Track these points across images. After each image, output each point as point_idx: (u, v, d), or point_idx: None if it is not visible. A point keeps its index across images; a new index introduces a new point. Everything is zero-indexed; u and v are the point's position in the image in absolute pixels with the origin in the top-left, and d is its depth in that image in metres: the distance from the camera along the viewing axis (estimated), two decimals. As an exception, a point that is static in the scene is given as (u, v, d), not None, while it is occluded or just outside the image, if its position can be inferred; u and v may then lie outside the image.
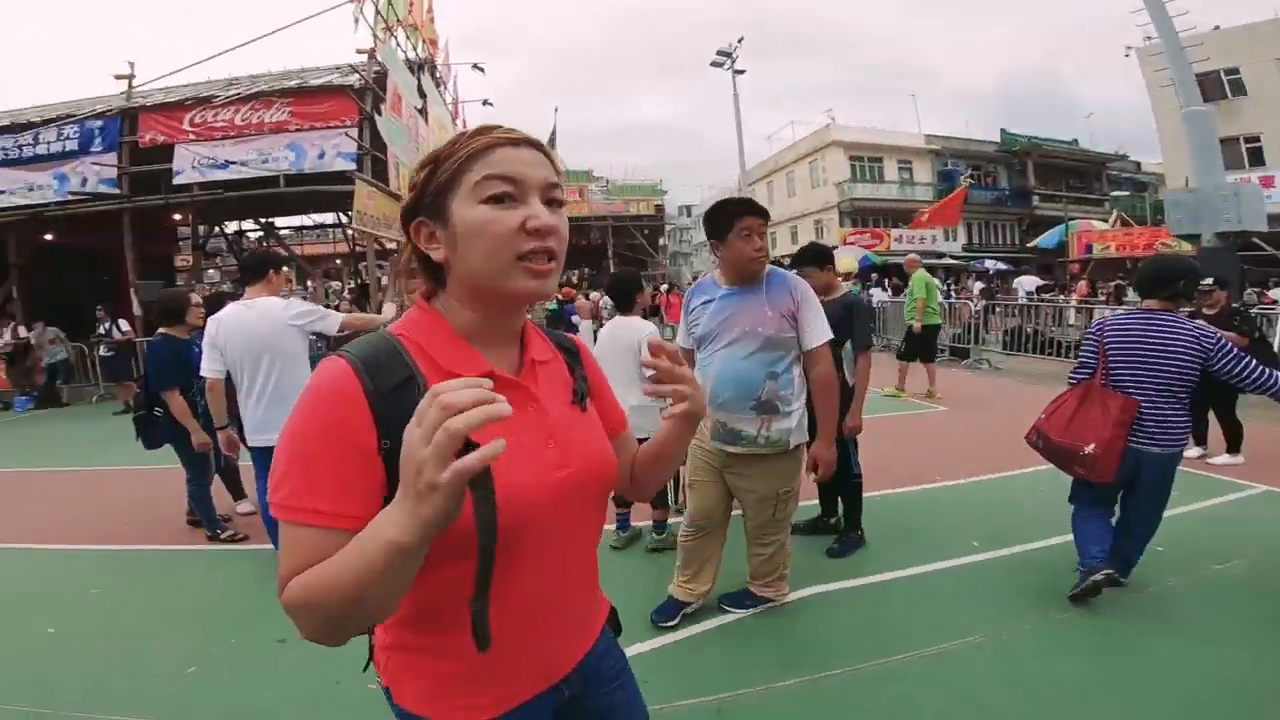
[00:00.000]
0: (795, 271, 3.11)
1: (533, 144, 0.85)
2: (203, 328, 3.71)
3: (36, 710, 2.38)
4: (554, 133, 21.23)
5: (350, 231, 17.03)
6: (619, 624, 1.07)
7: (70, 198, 11.44)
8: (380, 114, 10.54)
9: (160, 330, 4.17)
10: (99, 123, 11.10)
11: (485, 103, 17.93)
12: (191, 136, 11.00)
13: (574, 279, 26.04)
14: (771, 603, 2.93)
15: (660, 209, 31.99)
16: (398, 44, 12.09)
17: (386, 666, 0.89)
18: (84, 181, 11.35)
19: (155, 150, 11.26)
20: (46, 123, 11.15)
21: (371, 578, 0.66)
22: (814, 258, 3.63)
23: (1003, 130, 29.89)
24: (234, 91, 11.12)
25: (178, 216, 13.90)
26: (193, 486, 4.20)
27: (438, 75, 15.70)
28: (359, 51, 11.23)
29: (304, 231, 25.65)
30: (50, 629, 3.06)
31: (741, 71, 20.25)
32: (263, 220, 17.75)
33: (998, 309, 12.08)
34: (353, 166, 11.06)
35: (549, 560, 0.85)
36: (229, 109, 10.86)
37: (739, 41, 20.02)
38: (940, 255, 25.10)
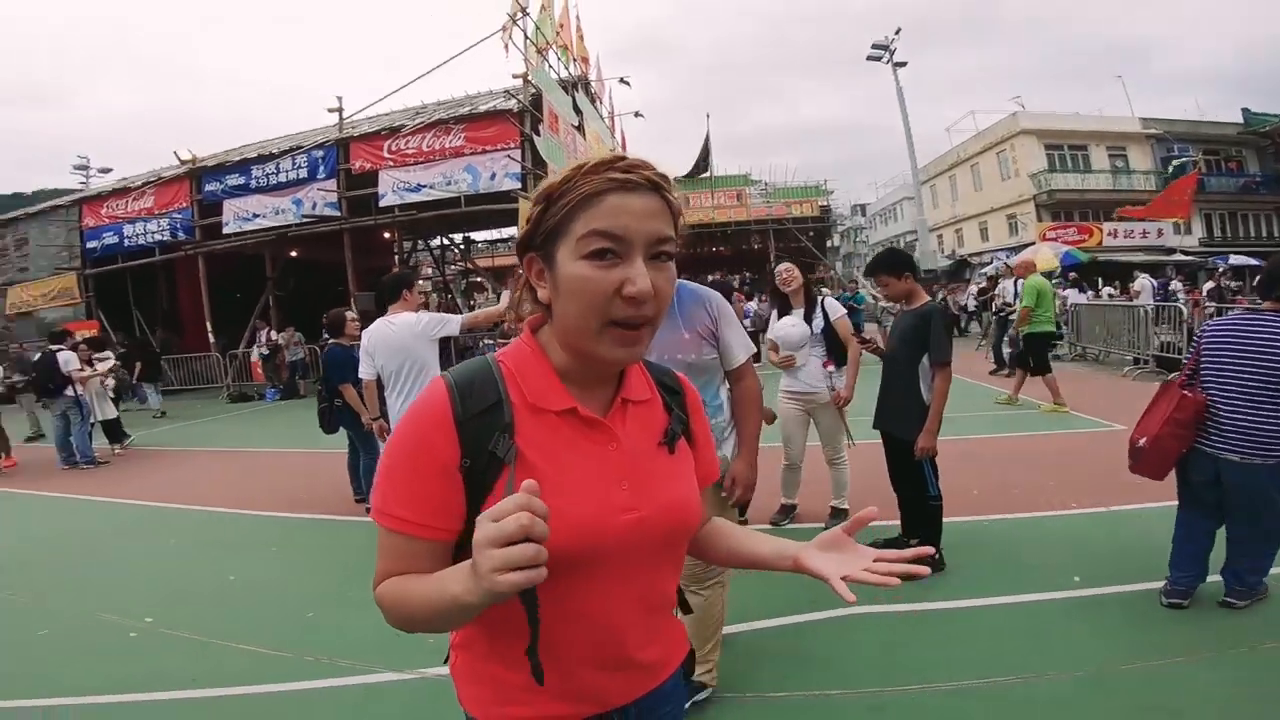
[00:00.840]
0: (871, 280, 3.04)
1: (650, 186, 0.79)
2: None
3: (197, 638, 3.11)
4: (707, 139, 21.50)
5: (520, 242, 18.68)
6: (693, 666, 1.04)
7: (303, 220, 13.95)
8: (539, 134, 11.53)
9: (332, 340, 5.35)
10: (320, 153, 13.46)
11: (637, 114, 18.67)
12: (390, 163, 12.91)
13: (735, 283, 26.12)
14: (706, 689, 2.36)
15: (826, 210, 30.86)
16: (549, 66, 13.08)
17: (455, 664, 0.93)
18: (314, 205, 13.79)
19: (366, 175, 13.36)
20: (284, 154, 13.74)
21: (435, 614, 0.74)
22: (888, 264, 3.45)
23: (1245, 110, 24.98)
24: (419, 120, 12.82)
25: (387, 234, 16.22)
26: (368, 460, 5.18)
27: (592, 91, 16.68)
28: (515, 76, 12.36)
29: (497, 245, 28.50)
30: (231, 576, 3.93)
31: (902, 64, 19.18)
32: (459, 235, 20.10)
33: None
34: (518, 185, 12.20)
35: (614, 600, 0.85)
36: (416, 136, 12.56)
37: (896, 34, 19.01)
38: (1169, 251, 21.50)
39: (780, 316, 4.07)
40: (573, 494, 0.77)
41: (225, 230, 14.69)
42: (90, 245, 16.46)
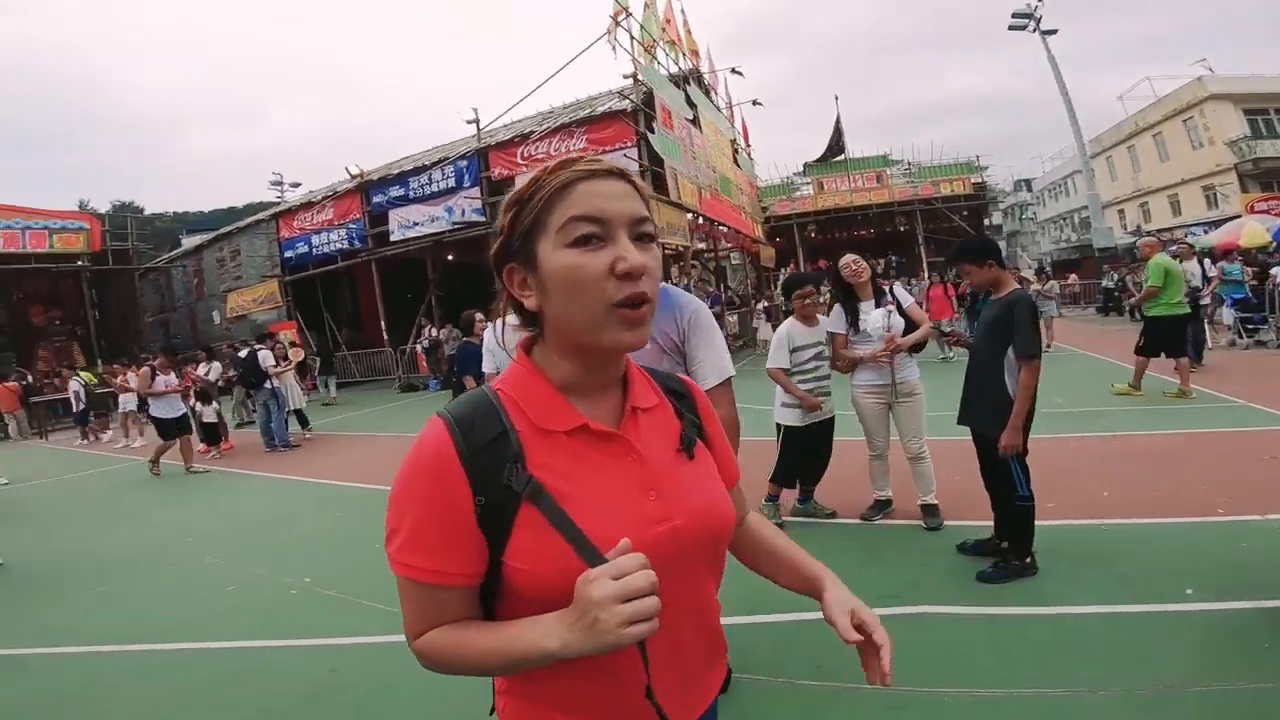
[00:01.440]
0: (953, 268, 2.96)
1: (616, 173, 0.79)
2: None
3: (344, 597, 3.71)
4: (838, 122, 20.63)
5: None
6: (727, 684, 1.11)
7: (454, 226, 15.38)
8: (653, 131, 11.80)
9: (464, 338, 6.14)
10: (464, 162, 14.74)
11: (755, 103, 18.34)
12: (523, 168, 13.85)
13: (880, 267, 24.90)
14: None
15: (980, 186, 28.39)
16: (658, 62, 13.28)
17: (503, 710, 0.88)
18: (462, 212, 15.15)
19: (504, 181, 14.45)
20: (434, 165, 15.21)
21: (508, 665, 0.75)
22: (969, 252, 3.26)
23: None
24: (545, 125, 13.61)
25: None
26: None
27: (706, 83, 16.64)
28: (625, 77, 12.71)
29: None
30: (376, 545, 4.56)
31: (1051, 32, 17.27)
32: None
33: None
34: (638, 181, 12.59)
35: (664, 617, 0.76)
36: (544, 141, 13.36)
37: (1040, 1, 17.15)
38: None
39: (845, 310, 3.99)
40: (601, 513, 0.74)
41: (391, 238, 16.59)
42: (287, 254, 19.29)
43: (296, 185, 30.49)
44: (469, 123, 14.89)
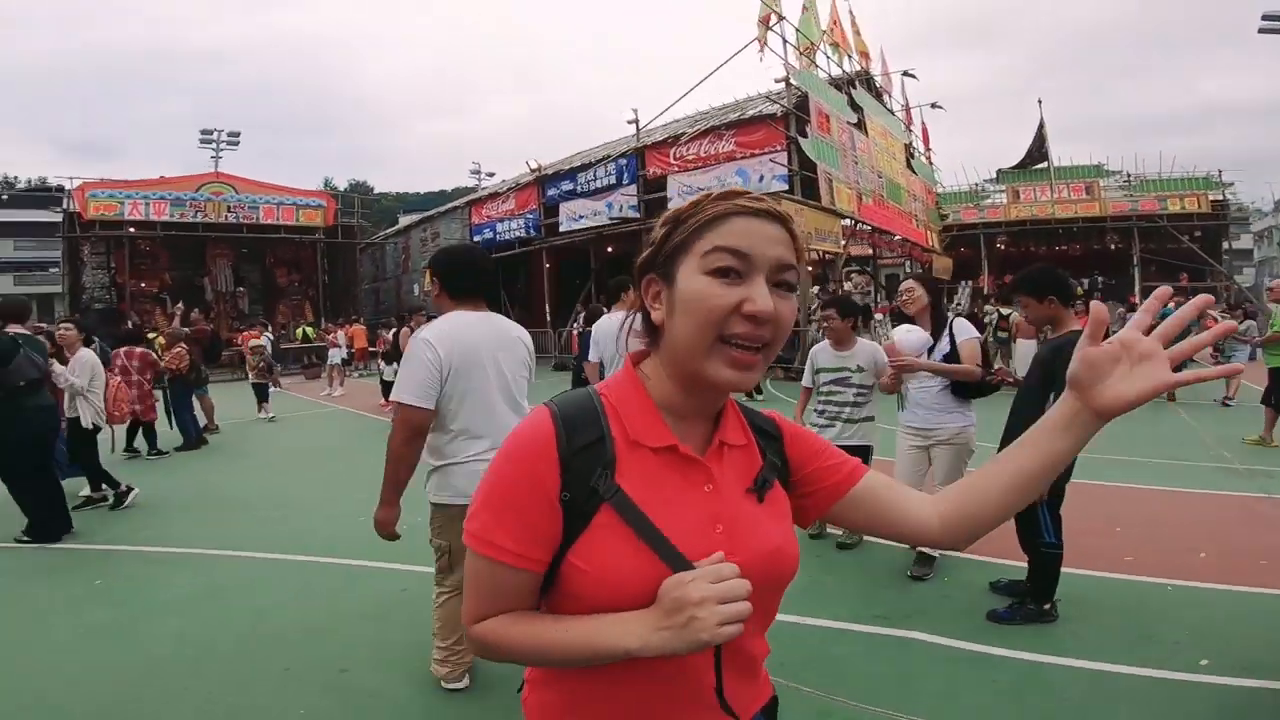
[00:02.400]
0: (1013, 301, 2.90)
1: (776, 217, 0.80)
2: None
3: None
4: (1041, 126, 18.43)
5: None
6: (774, 714, 0.98)
7: (611, 221, 16.36)
8: (806, 136, 11.64)
9: (589, 327, 6.71)
10: (623, 161, 15.58)
11: (934, 105, 17.06)
12: (675, 168, 14.35)
13: (1081, 287, 22.14)
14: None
15: (1220, 205, 23.98)
16: (817, 66, 12.93)
17: (528, 699, 0.90)
18: (620, 208, 16.06)
19: (659, 180, 15.08)
20: (598, 162, 16.25)
21: (578, 659, 0.76)
22: (1030, 284, 3.04)
23: None
24: (697, 127, 13.93)
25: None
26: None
27: (878, 85, 15.84)
28: (776, 81, 12.56)
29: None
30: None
31: None
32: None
33: None
34: (785, 188, 12.50)
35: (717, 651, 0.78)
36: (695, 143, 13.70)
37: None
38: None
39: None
40: (674, 533, 0.76)
41: (561, 229, 18.04)
42: (475, 238, 21.66)
43: (491, 174, 33.94)
44: (629, 123, 15.76)
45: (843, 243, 14.68)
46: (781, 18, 12.44)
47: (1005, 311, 10.58)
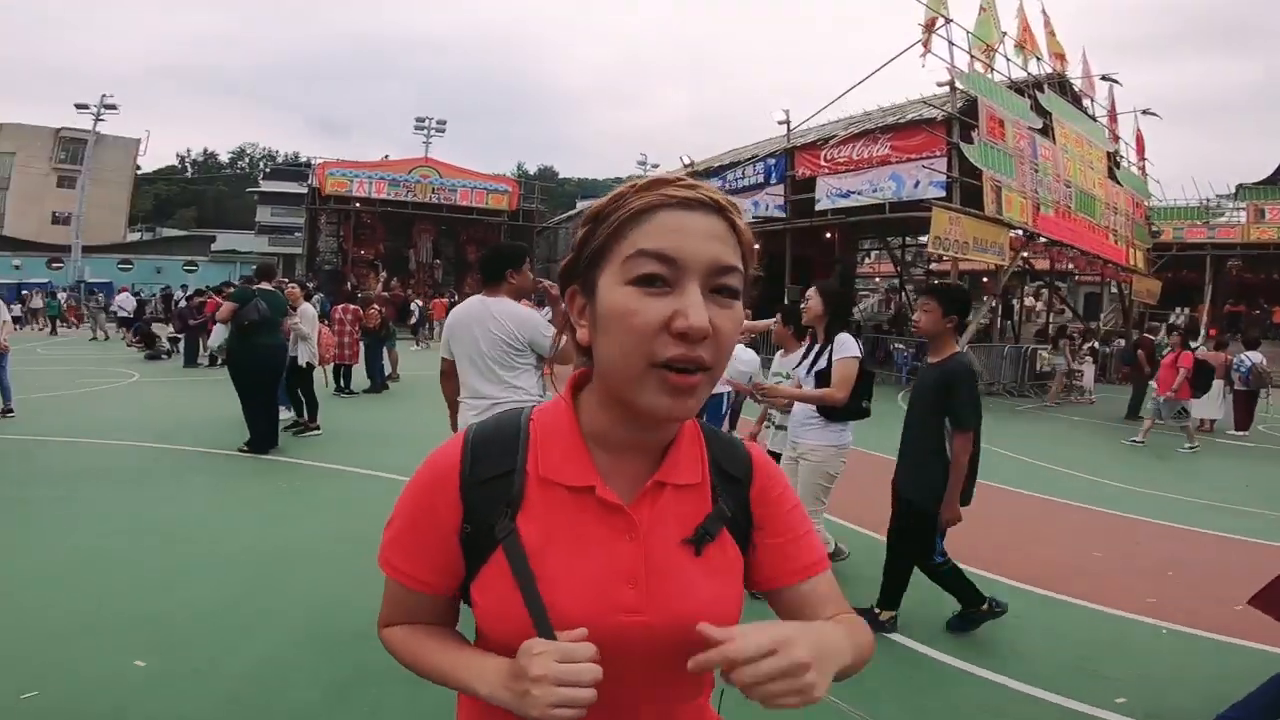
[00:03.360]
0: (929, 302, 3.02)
1: (713, 206, 0.66)
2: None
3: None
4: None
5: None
6: None
7: (755, 220, 16.59)
8: (972, 141, 11.07)
9: None
10: (772, 160, 15.70)
11: (1146, 112, 15.02)
12: (825, 170, 14.22)
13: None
14: None
15: None
16: (994, 69, 12.08)
17: (459, 708, 0.84)
18: (766, 207, 16.25)
19: (807, 181, 15.05)
20: (747, 161, 16.52)
21: (445, 683, 0.74)
22: (947, 297, 3.04)
23: None
24: (849, 130, 13.65)
25: (829, 235, 17.76)
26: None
27: (1077, 89, 14.31)
28: (939, 85, 11.89)
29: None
30: None
31: None
32: (894, 239, 20.28)
33: None
34: (942, 194, 11.98)
35: (611, 703, 0.68)
36: (847, 145, 13.47)
37: None
38: None
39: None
40: (570, 588, 0.68)
41: (708, 224, 18.63)
42: (632, 230, 22.99)
43: (656, 165, 35.30)
44: (779, 123, 15.81)
45: (1010, 254, 13.67)
46: (948, 20, 11.84)
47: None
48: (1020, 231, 13.59)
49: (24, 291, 25.32)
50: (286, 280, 9.49)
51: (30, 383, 8.97)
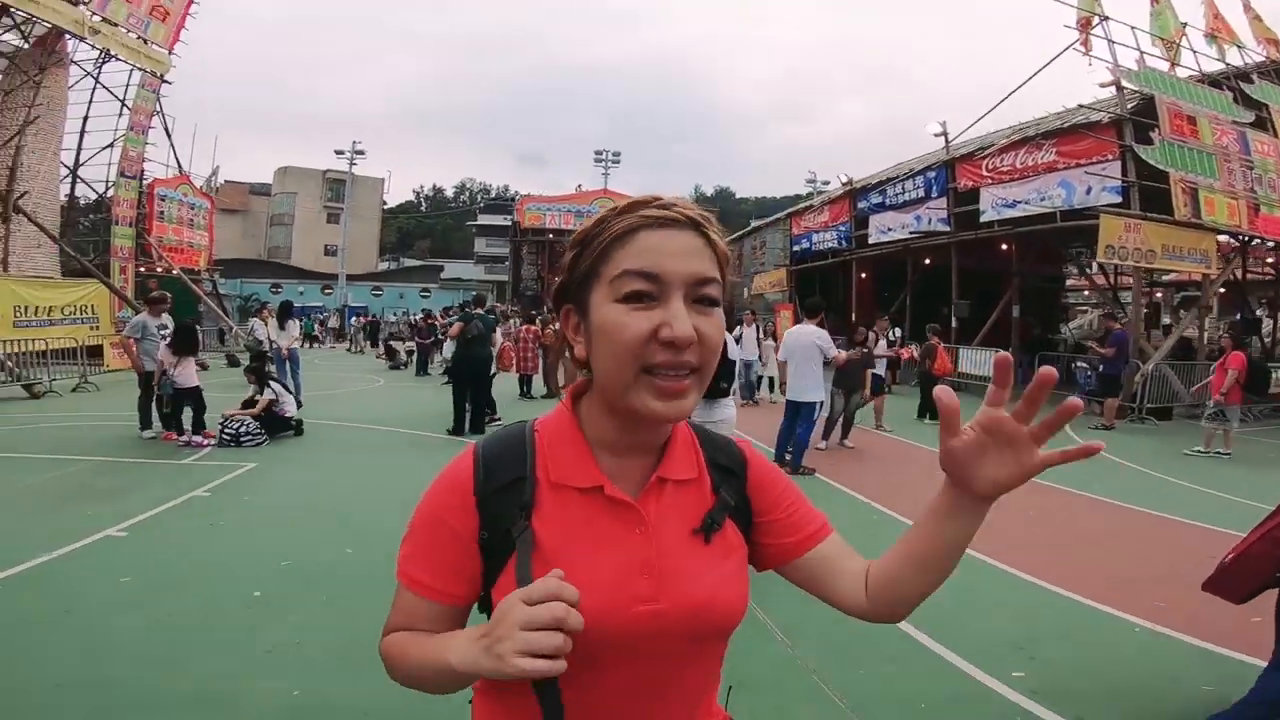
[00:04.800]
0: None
1: (689, 223, 0.73)
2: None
3: None
4: None
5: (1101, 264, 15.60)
6: None
7: (918, 234, 16.30)
8: (1151, 142, 10.30)
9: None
10: (932, 173, 15.34)
11: None
12: (988, 180, 13.69)
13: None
14: None
15: None
16: (1177, 63, 10.94)
17: (474, 703, 0.87)
18: (929, 221, 15.93)
19: (971, 192, 14.57)
20: (907, 176, 16.27)
21: (430, 676, 0.74)
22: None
23: None
24: (1010, 138, 13.02)
25: (1004, 246, 16.82)
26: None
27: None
28: (1102, 85, 10.99)
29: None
30: None
31: None
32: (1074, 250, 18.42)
33: None
34: (1118, 200, 11.18)
35: (634, 695, 0.76)
36: (1009, 154, 12.88)
37: None
38: None
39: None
40: (586, 582, 0.69)
41: (870, 240, 18.56)
42: (795, 248, 23.33)
43: (827, 183, 35.02)
44: (935, 135, 15.40)
45: (1220, 261, 12.17)
46: (1105, 18, 10.97)
47: None
48: (1226, 236, 12.04)
49: (318, 314, 31.92)
50: (497, 305, 12.17)
51: (313, 384, 12.14)
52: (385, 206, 56.16)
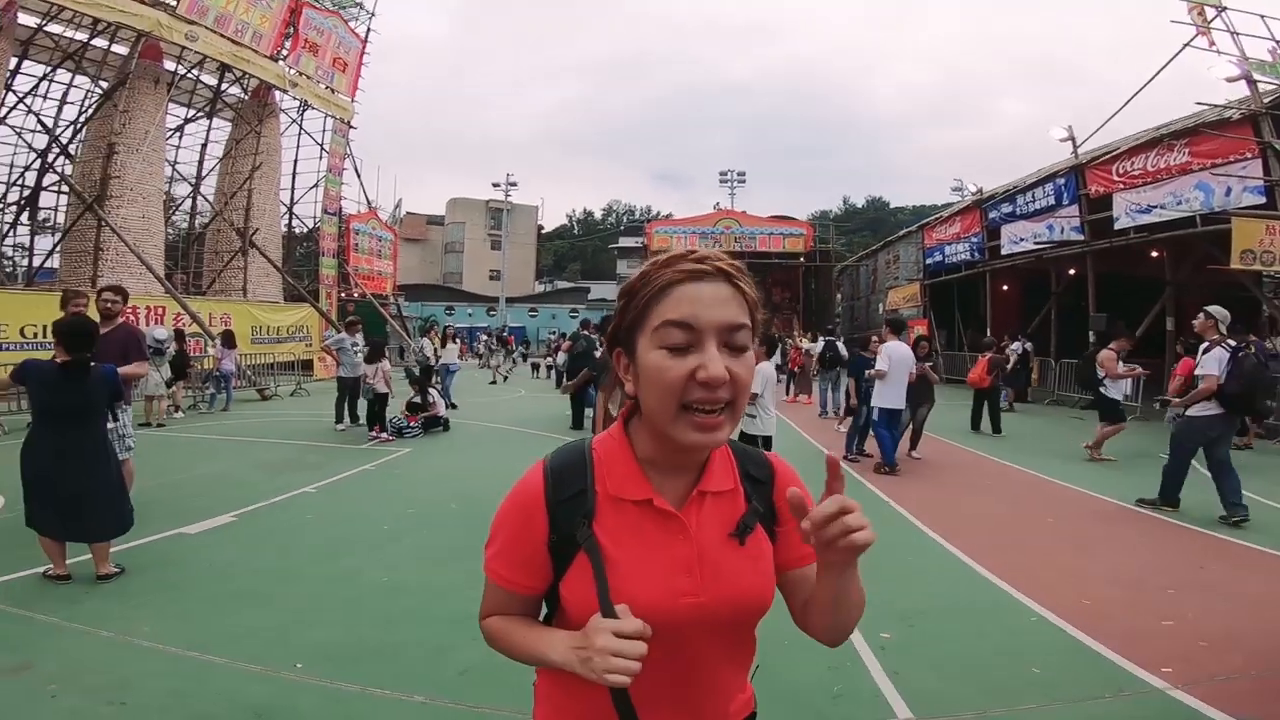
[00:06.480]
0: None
1: (720, 275, 0.86)
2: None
3: None
4: None
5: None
6: None
7: (1050, 243, 15.45)
8: (1295, 136, 9.42)
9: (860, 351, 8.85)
10: (1061, 180, 14.51)
11: None
12: (1120, 185, 12.82)
13: None
14: None
15: None
16: None
17: (539, 685, 1.03)
18: (1061, 230, 15.09)
19: (1104, 199, 13.68)
20: (1036, 184, 15.48)
21: (529, 659, 0.94)
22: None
23: None
24: (1134, 141, 12.09)
25: (1154, 253, 15.42)
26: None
27: None
28: (1228, 80, 9.96)
29: None
30: None
31: None
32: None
33: None
34: (1261, 200, 10.22)
35: (676, 667, 0.91)
36: (1140, 156, 12.00)
37: None
38: None
39: None
40: (640, 579, 0.87)
41: (1003, 252, 17.79)
42: (928, 261, 22.63)
43: (979, 190, 32.94)
44: (1061, 141, 14.53)
45: None
46: (1222, 8, 9.96)
47: None
48: None
49: (482, 335, 35.74)
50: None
51: (465, 391, 14.45)
52: (542, 231, 60.71)
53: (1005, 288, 20.00)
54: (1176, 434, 5.82)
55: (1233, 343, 5.39)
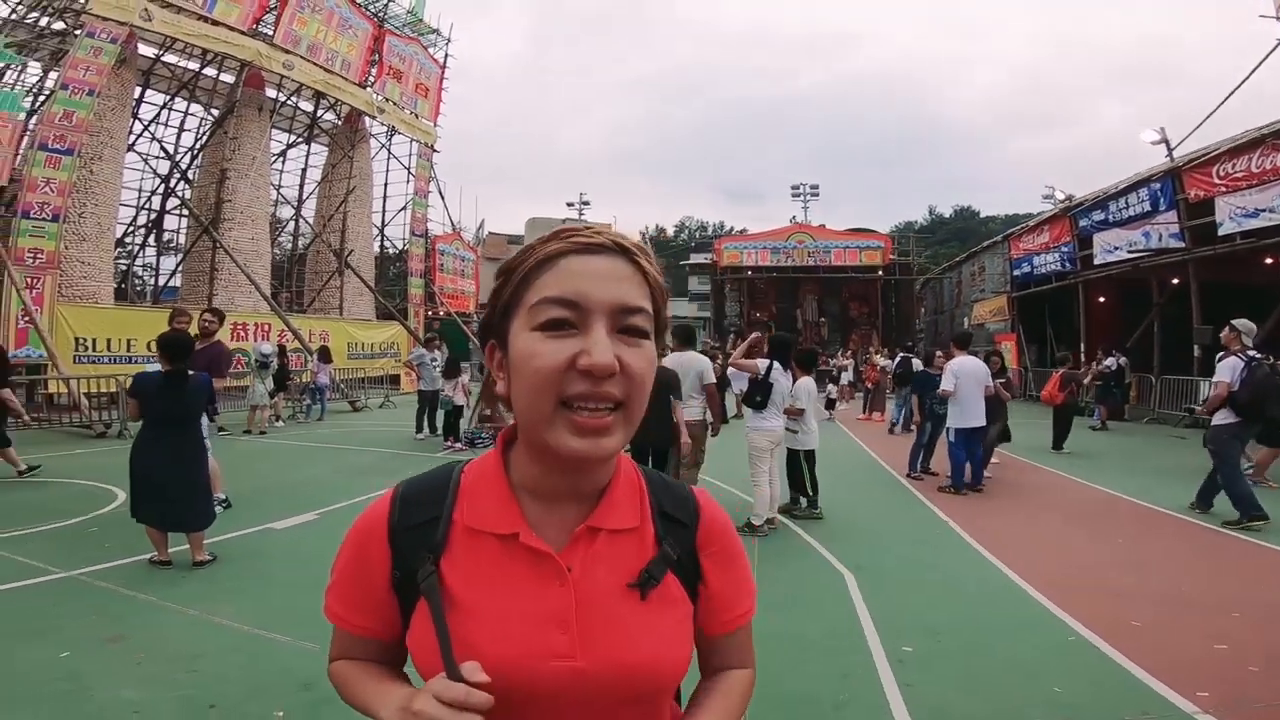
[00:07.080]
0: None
1: (618, 250, 0.70)
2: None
3: None
4: None
5: None
6: None
7: (1148, 251, 14.41)
8: None
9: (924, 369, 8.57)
10: (1156, 185, 13.50)
11: None
12: (1222, 189, 11.82)
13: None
14: None
15: None
16: None
17: None
18: (1159, 237, 14.06)
19: (1206, 203, 12.65)
20: (1130, 189, 14.47)
21: (365, 713, 0.75)
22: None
23: None
24: (1229, 143, 11.12)
25: (1270, 260, 14.11)
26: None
27: None
28: None
29: None
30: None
31: None
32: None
33: None
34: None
35: None
36: (1242, 157, 11.04)
37: None
38: None
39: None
40: (494, 631, 0.69)
41: (1095, 261, 16.71)
42: (1016, 273, 21.47)
43: (1070, 197, 30.95)
44: (1153, 144, 13.53)
45: None
46: None
47: None
48: None
49: None
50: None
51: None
52: (614, 250, 61.95)
53: (1101, 299, 18.74)
54: (1214, 446, 5.92)
55: (1251, 353, 5.69)
